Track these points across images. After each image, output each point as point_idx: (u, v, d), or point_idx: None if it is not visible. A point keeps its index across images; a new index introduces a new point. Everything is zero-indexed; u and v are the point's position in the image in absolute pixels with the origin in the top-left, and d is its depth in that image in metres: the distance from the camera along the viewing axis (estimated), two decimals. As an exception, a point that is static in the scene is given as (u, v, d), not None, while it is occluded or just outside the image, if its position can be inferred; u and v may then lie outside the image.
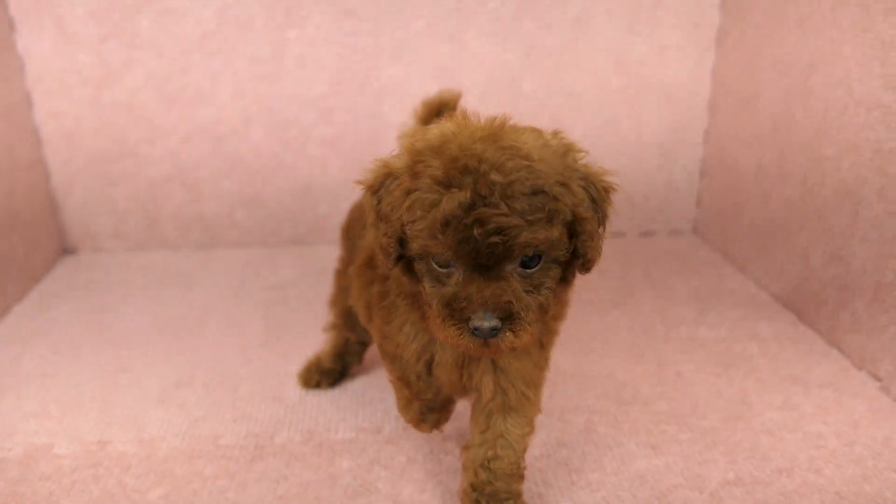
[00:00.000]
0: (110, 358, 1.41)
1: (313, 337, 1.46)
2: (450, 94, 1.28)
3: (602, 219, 0.82)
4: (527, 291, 0.77)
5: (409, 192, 0.76)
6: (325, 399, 1.28)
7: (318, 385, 1.30)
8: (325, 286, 1.72)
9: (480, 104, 1.88)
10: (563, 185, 0.75)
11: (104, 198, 1.87)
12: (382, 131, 1.87)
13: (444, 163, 0.74)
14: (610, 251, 1.93)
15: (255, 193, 1.90)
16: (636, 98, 1.91)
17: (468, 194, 0.72)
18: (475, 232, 0.72)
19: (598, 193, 0.80)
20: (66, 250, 1.92)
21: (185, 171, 1.86)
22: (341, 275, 1.29)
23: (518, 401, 0.96)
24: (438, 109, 1.28)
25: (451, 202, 0.72)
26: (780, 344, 1.45)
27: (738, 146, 1.79)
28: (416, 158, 0.77)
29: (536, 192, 0.73)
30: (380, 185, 0.82)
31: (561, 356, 1.40)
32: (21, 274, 1.68)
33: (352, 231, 1.23)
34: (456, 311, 0.76)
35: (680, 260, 1.88)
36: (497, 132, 0.76)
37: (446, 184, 0.73)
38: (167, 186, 1.87)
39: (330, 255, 1.90)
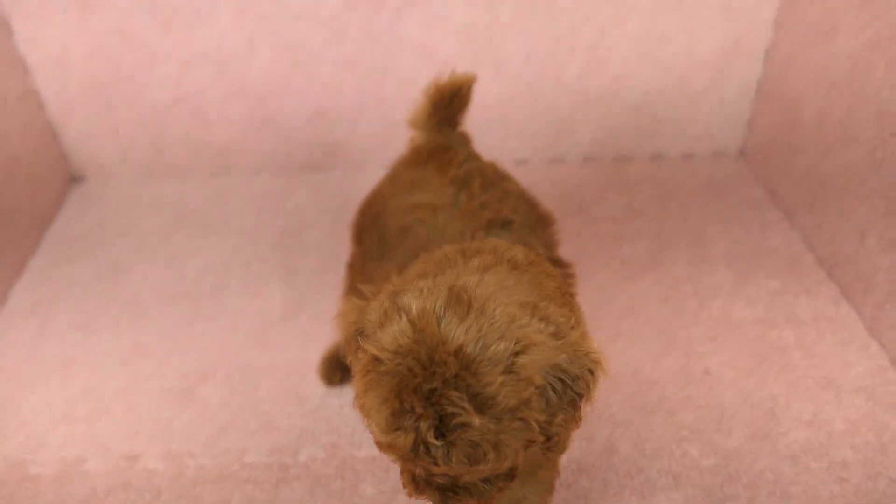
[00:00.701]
0: (130, 337, 1.40)
1: (331, 304, 1.43)
2: (464, 79, 1.15)
3: (588, 398, 0.72)
4: (485, 480, 0.73)
5: (365, 390, 0.69)
6: (347, 401, 1.28)
7: (341, 382, 1.30)
8: (343, 226, 1.66)
9: (514, 22, 1.67)
10: (521, 419, 0.66)
11: (105, 125, 1.74)
12: (401, 53, 1.67)
13: (392, 392, 0.66)
14: (646, 180, 1.81)
15: (265, 119, 1.76)
16: (692, 9, 1.66)
17: (409, 443, 0.66)
18: (417, 472, 0.70)
19: (582, 387, 0.70)
20: (73, 179, 1.84)
21: (190, 97, 1.71)
22: (353, 269, 1.22)
23: (533, 485, 0.95)
24: (451, 95, 1.15)
25: (395, 444, 0.67)
26: (819, 331, 1.39)
27: (803, 79, 1.58)
28: (370, 367, 0.69)
29: (477, 446, 0.65)
30: (355, 335, 0.76)
31: (587, 342, 1.37)
32: (31, 219, 1.63)
33: (361, 228, 1.15)
34: (415, 489, 0.74)
35: (722, 197, 1.75)
36: (461, 357, 0.65)
37: (393, 419, 0.67)
38: (172, 113, 1.73)
39: (347, 182, 1.82)
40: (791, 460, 1.17)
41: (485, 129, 1.81)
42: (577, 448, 1.19)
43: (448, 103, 1.15)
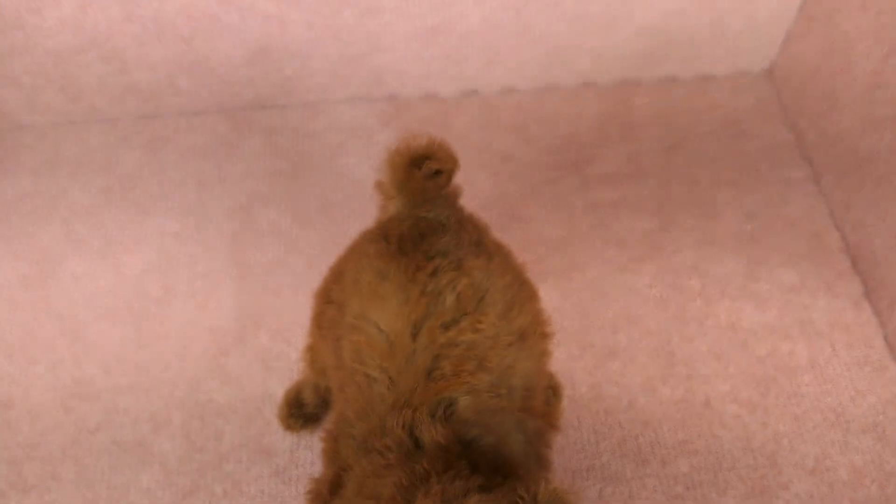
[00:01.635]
0: (70, 369, 1.25)
1: (291, 315, 1.28)
2: (445, 161, 0.93)
3: None
4: None
5: None
6: (317, 452, 1.18)
7: (302, 429, 1.19)
8: (300, 198, 1.45)
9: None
10: None
11: (1, 73, 1.42)
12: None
13: None
14: (653, 120, 1.55)
15: (196, 59, 1.43)
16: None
17: None
18: None
19: None
20: (-21, 129, 1.55)
21: (96, 41, 1.37)
22: (313, 351, 1.07)
23: None
24: (426, 176, 0.92)
25: None
26: (834, 346, 1.25)
27: (859, 22, 1.26)
28: None
29: None
30: None
31: (580, 364, 1.24)
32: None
33: (322, 315, 0.98)
34: None
35: (741, 141, 1.50)
36: None
37: None
38: (78, 59, 1.40)
39: (301, 125, 1.56)
40: (788, 521, 1.11)
41: (467, 56, 1.51)
42: (564, 510, 1.12)
43: (422, 180, 0.91)
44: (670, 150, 1.49)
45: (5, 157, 1.51)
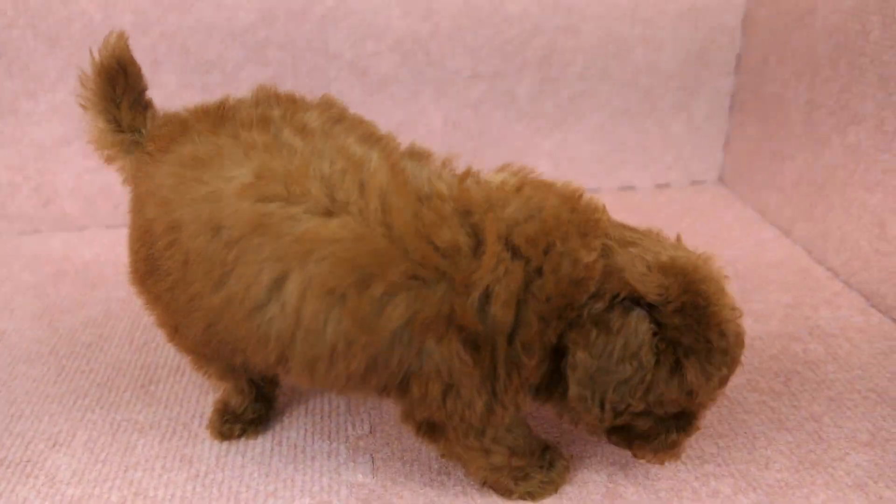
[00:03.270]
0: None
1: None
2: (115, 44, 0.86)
3: None
4: None
5: None
6: (249, 459, 0.93)
7: (242, 434, 0.96)
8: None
9: (455, 33, 1.51)
10: None
11: None
12: (329, 69, 1.47)
13: None
14: (618, 209, 1.57)
15: None
16: (651, 17, 1.51)
17: None
18: None
19: None
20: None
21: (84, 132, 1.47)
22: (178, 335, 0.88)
23: None
24: (114, 72, 0.88)
25: None
26: (851, 342, 1.12)
27: (784, 76, 1.41)
28: None
29: None
30: None
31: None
32: None
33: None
34: None
35: (706, 219, 1.53)
36: None
37: None
38: (62, 152, 1.48)
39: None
40: (858, 490, 0.86)
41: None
42: (567, 496, 0.86)
43: (121, 86, 0.90)
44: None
45: None
